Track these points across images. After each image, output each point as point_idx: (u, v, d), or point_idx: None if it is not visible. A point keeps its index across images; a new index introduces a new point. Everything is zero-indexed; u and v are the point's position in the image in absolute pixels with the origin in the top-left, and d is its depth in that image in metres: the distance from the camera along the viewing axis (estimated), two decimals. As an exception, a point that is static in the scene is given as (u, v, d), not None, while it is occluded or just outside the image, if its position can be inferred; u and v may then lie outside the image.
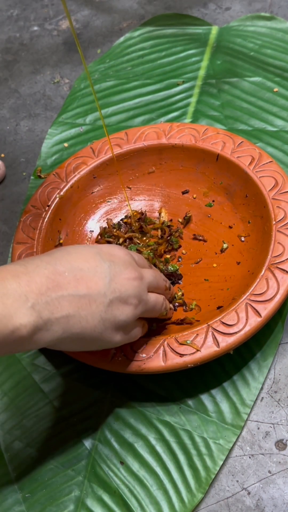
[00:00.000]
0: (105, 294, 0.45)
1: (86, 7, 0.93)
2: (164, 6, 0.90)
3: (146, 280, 0.49)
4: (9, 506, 0.51)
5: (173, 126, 0.66)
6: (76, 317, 0.43)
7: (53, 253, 0.46)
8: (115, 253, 0.48)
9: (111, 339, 0.47)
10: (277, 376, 0.55)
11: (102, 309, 0.45)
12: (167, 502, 0.50)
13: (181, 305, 0.58)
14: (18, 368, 0.58)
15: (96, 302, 0.44)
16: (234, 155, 0.62)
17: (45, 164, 0.74)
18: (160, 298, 0.52)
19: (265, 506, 0.49)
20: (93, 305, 0.44)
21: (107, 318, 0.45)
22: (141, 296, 0.48)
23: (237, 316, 0.52)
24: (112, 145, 0.66)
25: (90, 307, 0.44)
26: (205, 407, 0.54)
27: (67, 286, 0.43)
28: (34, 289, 0.41)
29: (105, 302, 0.45)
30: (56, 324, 0.42)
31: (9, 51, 0.90)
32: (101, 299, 0.45)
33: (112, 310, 0.45)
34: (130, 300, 0.47)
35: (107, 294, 0.45)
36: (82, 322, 0.44)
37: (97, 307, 0.44)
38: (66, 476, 0.52)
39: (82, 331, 0.44)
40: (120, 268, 0.47)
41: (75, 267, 0.44)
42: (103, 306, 0.45)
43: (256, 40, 0.81)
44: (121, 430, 0.54)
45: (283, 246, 0.55)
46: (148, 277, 0.50)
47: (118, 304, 0.46)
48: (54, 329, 0.42)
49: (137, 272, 0.48)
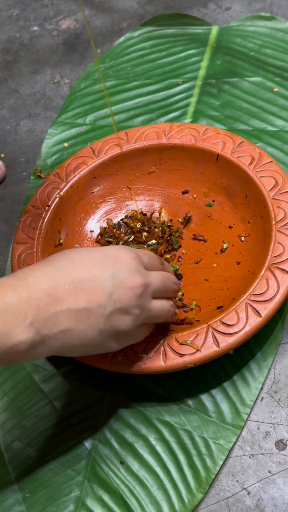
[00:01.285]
0: (105, 306, 0.44)
1: (86, 7, 0.93)
2: (164, 6, 0.90)
3: (152, 287, 0.48)
4: (9, 506, 0.51)
5: (173, 126, 0.66)
6: (74, 331, 0.43)
7: (55, 261, 0.45)
8: (121, 259, 0.47)
9: (111, 347, 0.46)
10: (277, 376, 0.55)
11: (101, 321, 0.44)
12: (167, 502, 0.50)
13: (179, 307, 0.58)
14: (18, 368, 0.58)
15: (96, 315, 0.44)
16: (234, 155, 0.62)
17: (45, 164, 0.74)
18: (167, 305, 0.50)
19: (265, 506, 0.49)
20: (92, 317, 0.44)
21: (106, 329, 0.45)
22: (144, 305, 0.47)
23: (237, 316, 0.52)
24: (112, 145, 0.66)
25: (89, 320, 0.44)
26: (205, 407, 0.54)
27: (67, 301, 0.43)
28: (33, 305, 0.41)
29: (105, 315, 0.44)
30: (54, 339, 0.42)
31: (9, 51, 0.90)
32: (101, 312, 0.44)
33: (111, 321, 0.45)
34: (131, 310, 0.46)
35: (107, 306, 0.44)
36: (80, 335, 0.44)
37: (96, 319, 0.44)
38: (66, 476, 0.52)
39: (80, 343, 0.44)
40: (124, 276, 0.46)
41: (76, 279, 0.44)
42: (102, 318, 0.44)
43: (256, 40, 0.81)
44: (121, 430, 0.54)
45: (283, 246, 0.55)
46: (155, 283, 0.48)
47: (118, 315, 0.45)
48: (52, 343, 0.42)
49: (142, 279, 0.46)
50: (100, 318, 0.44)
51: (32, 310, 0.41)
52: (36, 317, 0.41)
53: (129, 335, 0.48)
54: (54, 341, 0.43)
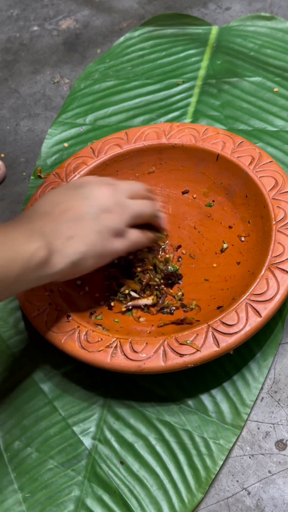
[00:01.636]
0: (88, 211, 0.53)
1: (86, 7, 0.93)
2: (164, 6, 0.90)
3: (121, 187, 0.57)
4: (9, 506, 0.51)
5: (173, 126, 0.66)
6: (77, 236, 0.51)
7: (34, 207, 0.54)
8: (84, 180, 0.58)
9: (114, 245, 0.54)
10: (277, 376, 0.55)
11: (93, 224, 0.53)
12: (167, 502, 0.50)
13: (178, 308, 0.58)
14: (18, 367, 0.58)
15: (86, 220, 0.53)
16: (234, 155, 0.62)
17: (45, 164, 0.74)
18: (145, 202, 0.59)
19: (265, 506, 0.49)
20: (85, 223, 0.53)
21: (101, 229, 0.53)
22: (121, 202, 0.56)
23: (237, 316, 0.52)
24: (112, 145, 0.66)
25: (84, 227, 0.52)
26: (205, 407, 0.54)
27: (60, 218, 0.52)
28: (38, 226, 0.50)
29: (92, 217, 0.53)
30: (64, 247, 0.50)
31: (9, 51, 0.90)
32: (88, 216, 0.53)
33: (101, 221, 0.53)
34: (112, 208, 0.54)
35: (89, 211, 0.53)
36: (84, 240, 0.52)
37: (88, 223, 0.53)
38: (66, 476, 0.52)
39: (87, 247, 0.52)
40: (92, 187, 0.55)
41: (55, 202, 0.54)
42: (93, 221, 0.53)
43: (256, 40, 0.81)
44: (121, 430, 0.54)
45: (283, 246, 0.55)
46: (122, 186, 0.58)
47: (104, 215, 0.54)
48: (64, 252, 0.50)
49: (110, 185, 0.56)
50: (91, 221, 0.53)
51: (38, 227, 0.50)
52: (43, 230, 0.50)
53: (126, 234, 0.55)
54: (65, 249, 0.50)
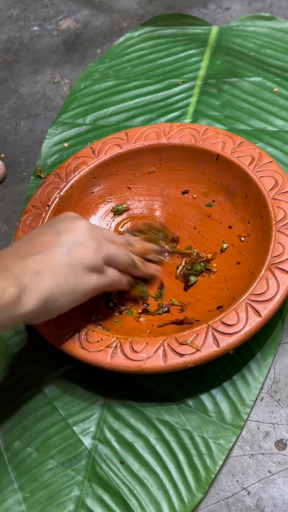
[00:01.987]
0: (62, 244, 0.49)
1: (86, 7, 0.93)
2: (164, 6, 0.91)
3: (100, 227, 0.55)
4: (9, 506, 0.51)
5: (173, 126, 0.66)
6: (47, 271, 0.47)
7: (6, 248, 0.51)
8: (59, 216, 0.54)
9: (89, 282, 0.50)
10: (277, 376, 0.55)
11: (64, 258, 0.49)
12: (167, 502, 0.50)
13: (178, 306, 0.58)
14: (18, 367, 0.58)
15: (57, 254, 0.49)
16: (234, 155, 0.62)
17: (45, 164, 0.74)
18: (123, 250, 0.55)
19: (265, 506, 0.49)
20: (56, 257, 0.49)
21: (73, 263, 0.49)
22: (97, 238, 0.52)
23: (237, 316, 0.52)
24: (112, 145, 0.66)
25: (53, 260, 0.48)
26: (205, 407, 0.54)
27: (28, 253, 0.48)
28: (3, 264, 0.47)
29: (64, 251, 0.49)
30: (34, 283, 0.46)
31: (9, 51, 0.90)
32: (60, 250, 0.49)
33: (73, 254, 0.49)
34: (88, 242, 0.51)
35: (63, 243, 0.49)
36: (53, 274, 0.48)
37: (59, 258, 0.49)
38: (66, 476, 0.52)
39: (56, 282, 0.48)
40: (66, 222, 0.52)
41: (27, 240, 0.50)
42: (64, 255, 0.49)
43: (256, 40, 0.81)
44: (121, 430, 0.54)
45: (283, 246, 0.55)
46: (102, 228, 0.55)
47: (78, 248, 0.50)
48: (34, 289, 0.46)
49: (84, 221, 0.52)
50: (62, 255, 0.49)
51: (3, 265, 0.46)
52: (9, 267, 0.46)
53: (103, 270, 0.52)
54: (33, 286, 0.46)
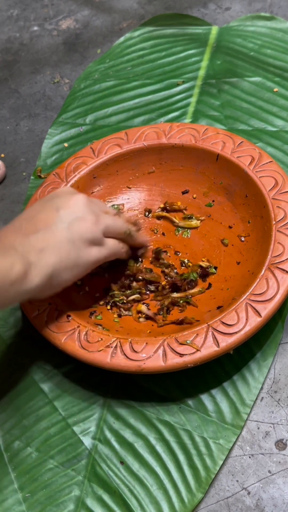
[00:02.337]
0: (61, 220, 0.51)
1: (86, 7, 0.93)
2: (164, 6, 0.90)
3: (95, 200, 0.56)
4: (9, 506, 0.51)
5: (173, 126, 0.66)
6: (49, 248, 0.49)
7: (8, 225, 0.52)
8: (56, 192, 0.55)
9: (90, 254, 0.52)
10: (277, 376, 0.55)
11: (65, 234, 0.50)
12: (167, 502, 0.50)
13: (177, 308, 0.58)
14: (18, 367, 0.58)
15: (57, 229, 0.50)
16: (234, 155, 0.62)
17: (45, 164, 0.74)
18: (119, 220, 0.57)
19: (265, 506, 0.49)
20: (57, 233, 0.50)
21: (74, 238, 0.51)
22: (95, 211, 0.53)
23: (237, 316, 0.52)
24: (112, 145, 0.66)
25: (55, 237, 0.50)
26: (205, 407, 0.54)
27: (30, 231, 0.50)
28: (9, 242, 0.48)
29: (64, 227, 0.51)
30: (39, 260, 0.48)
31: (9, 51, 0.90)
32: (60, 226, 0.51)
33: (73, 229, 0.51)
34: (86, 217, 0.52)
35: (62, 219, 0.51)
36: (55, 250, 0.49)
37: (60, 234, 0.50)
38: (66, 476, 0.52)
39: (59, 258, 0.50)
40: (63, 198, 0.53)
41: (28, 217, 0.51)
42: (64, 230, 0.51)
43: (256, 40, 0.81)
44: (121, 430, 0.54)
45: (283, 246, 0.55)
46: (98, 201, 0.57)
47: (77, 223, 0.51)
48: (39, 265, 0.48)
49: (81, 195, 0.54)
50: (63, 230, 0.51)
51: (9, 242, 0.48)
52: (14, 245, 0.48)
53: (102, 242, 0.54)
54: (40, 263, 0.48)
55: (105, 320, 0.58)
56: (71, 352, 0.53)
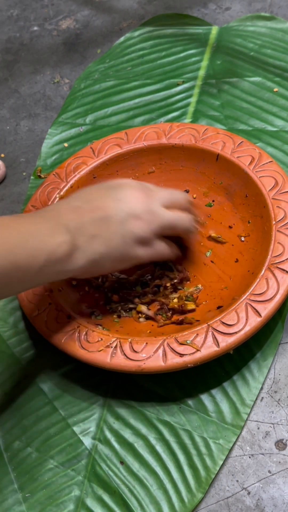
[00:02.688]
0: (117, 213, 0.52)
1: (86, 7, 0.93)
2: (164, 6, 0.91)
3: (158, 195, 0.55)
4: (9, 506, 0.51)
5: (173, 126, 0.66)
6: (100, 236, 0.51)
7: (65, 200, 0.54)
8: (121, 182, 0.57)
9: (136, 253, 0.53)
10: (277, 376, 0.55)
11: (118, 227, 0.52)
12: (167, 502, 0.50)
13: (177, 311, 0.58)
14: (18, 368, 0.58)
15: (112, 222, 0.52)
16: (234, 155, 0.62)
17: (45, 164, 0.74)
18: (182, 215, 0.56)
19: (265, 506, 0.49)
20: (111, 225, 0.52)
21: (125, 234, 0.52)
22: (153, 210, 0.54)
23: (237, 316, 0.52)
24: (112, 145, 0.66)
25: (109, 228, 0.51)
26: (205, 407, 0.54)
27: (87, 215, 0.51)
28: (64, 220, 0.50)
29: (119, 220, 0.52)
30: (87, 245, 0.50)
31: (9, 51, 0.90)
32: (115, 218, 0.52)
33: (127, 226, 0.52)
34: (142, 215, 0.53)
35: (118, 213, 0.52)
36: (106, 241, 0.51)
37: (114, 225, 0.52)
38: (66, 476, 0.52)
39: (108, 250, 0.51)
40: (127, 190, 0.54)
41: (87, 199, 0.53)
42: (119, 224, 0.52)
43: (256, 40, 0.81)
44: (121, 430, 0.54)
45: (283, 246, 0.55)
46: (160, 193, 0.56)
47: (131, 220, 0.52)
48: (85, 249, 0.50)
49: (146, 191, 0.54)
50: (117, 224, 0.52)
51: (64, 221, 0.49)
52: (69, 225, 0.49)
53: (150, 243, 0.54)
54: (87, 247, 0.50)
55: (105, 320, 0.58)
56: (71, 352, 0.53)
